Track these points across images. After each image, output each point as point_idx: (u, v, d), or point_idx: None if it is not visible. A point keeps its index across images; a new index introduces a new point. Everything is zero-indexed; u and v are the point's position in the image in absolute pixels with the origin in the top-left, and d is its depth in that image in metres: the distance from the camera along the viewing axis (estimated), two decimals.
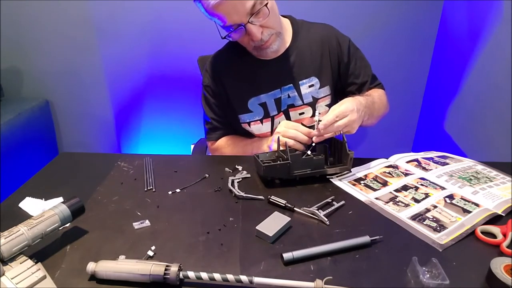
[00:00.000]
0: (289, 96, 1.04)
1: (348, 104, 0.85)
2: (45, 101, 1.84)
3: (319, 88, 1.05)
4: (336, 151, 0.90)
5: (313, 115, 1.06)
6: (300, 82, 1.04)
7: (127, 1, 1.67)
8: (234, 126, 1.10)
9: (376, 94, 1.07)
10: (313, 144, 0.87)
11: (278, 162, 0.83)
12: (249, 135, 1.09)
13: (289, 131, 0.89)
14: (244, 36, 0.93)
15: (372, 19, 1.73)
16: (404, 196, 0.79)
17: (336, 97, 1.09)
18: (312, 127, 1.05)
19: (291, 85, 1.04)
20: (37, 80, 1.84)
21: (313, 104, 1.05)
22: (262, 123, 1.06)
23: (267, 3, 0.89)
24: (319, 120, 0.84)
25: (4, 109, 1.64)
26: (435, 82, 1.82)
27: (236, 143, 1.09)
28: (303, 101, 1.05)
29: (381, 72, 1.83)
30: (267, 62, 1.03)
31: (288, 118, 1.06)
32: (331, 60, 1.06)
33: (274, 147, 0.90)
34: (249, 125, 1.06)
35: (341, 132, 0.85)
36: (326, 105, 1.07)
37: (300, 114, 1.06)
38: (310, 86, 1.04)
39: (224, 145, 1.11)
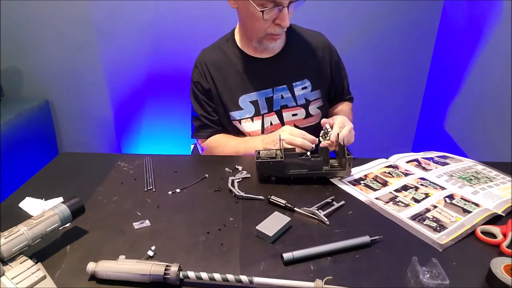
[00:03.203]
0: (282, 97, 1.05)
1: (339, 119, 0.92)
2: (45, 101, 1.84)
3: (311, 90, 1.06)
4: (338, 155, 0.90)
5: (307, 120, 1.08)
6: (293, 84, 1.05)
7: (127, 1, 1.67)
8: (225, 123, 1.09)
9: (347, 109, 1.17)
10: (313, 146, 0.87)
11: (272, 159, 0.83)
12: (240, 133, 1.08)
13: (296, 140, 0.88)
14: (271, 19, 0.92)
15: (372, 19, 1.73)
16: (404, 196, 0.79)
17: (330, 103, 1.15)
18: (305, 128, 1.06)
19: (285, 86, 1.04)
20: (37, 80, 1.83)
21: (306, 106, 1.06)
22: (252, 121, 1.06)
23: None
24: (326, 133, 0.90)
25: (4, 109, 1.64)
26: (435, 81, 1.82)
27: (227, 142, 1.07)
28: (296, 103, 1.06)
29: (381, 71, 1.85)
30: (260, 60, 1.04)
31: (281, 118, 1.06)
32: (324, 67, 1.08)
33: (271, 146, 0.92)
34: (240, 123, 1.06)
35: (345, 141, 0.87)
36: (317, 108, 1.08)
37: (293, 115, 1.07)
38: (303, 88, 1.06)
39: (215, 144, 1.09)
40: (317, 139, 0.90)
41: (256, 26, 0.95)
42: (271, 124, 1.06)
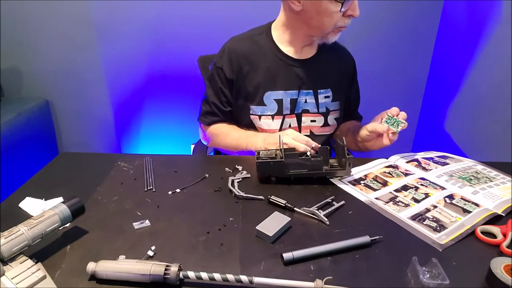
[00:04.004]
0: (306, 101, 1.05)
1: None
2: (45, 101, 1.84)
3: (332, 101, 1.07)
4: (338, 154, 0.90)
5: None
6: (319, 91, 1.05)
7: (127, 1, 1.67)
8: (240, 116, 1.06)
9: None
10: (313, 146, 0.87)
11: (272, 159, 0.83)
12: (253, 127, 1.06)
13: (300, 147, 0.87)
14: (339, 12, 0.92)
15: (372, 19, 1.73)
16: (404, 196, 0.79)
17: (344, 118, 1.15)
18: (320, 136, 1.07)
19: (311, 91, 1.05)
20: (37, 80, 1.83)
21: (326, 115, 1.07)
22: (273, 119, 1.04)
23: None
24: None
25: (4, 109, 1.64)
26: (435, 82, 1.81)
27: (229, 133, 1.05)
28: (318, 110, 1.06)
29: (381, 72, 1.85)
30: (294, 60, 1.03)
31: (299, 122, 1.06)
32: (347, 81, 1.11)
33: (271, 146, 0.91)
34: (259, 119, 1.04)
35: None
36: (334, 118, 1.09)
37: (312, 121, 1.07)
38: (326, 97, 1.06)
39: (217, 131, 1.08)
40: (319, 145, 0.89)
41: (326, 22, 0.93)
42: (289, 126, 1.06)
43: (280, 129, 1.05)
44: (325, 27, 0.95)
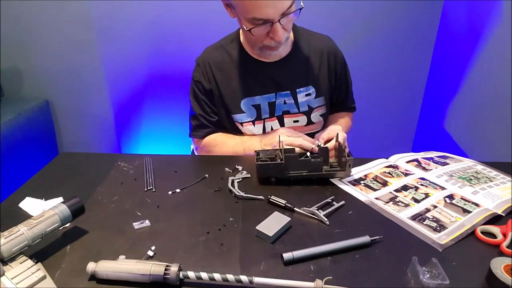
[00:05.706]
0: (285, 103, 1.04)
1: (332, 127, 0.96)
2: (45, 101, 1.84)
3: (315, 97, 1.05)
4: (338, 155, 0.90)
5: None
6: (297, 90, 1.03)
7: (127, 1, 1.67)
8: (226, 124, 1.07)
9: (344, 122, 1.14)
10: (314, 146, 0.87)
11: (272, 161, 0.83)
12: (240, 133, 1.07)
13: (296, 140, 0.88)
14: (263, 33, 0.90)
15: (372, 19, 1.73)
16: (404, 196, 0.79)
17: (331, 109, 1.12)
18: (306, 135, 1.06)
19: (289, 92, 1.03)
20: (37, 80, 1.83)
21: (308, 113, 1.05)
22: (254, 124, 1.04)
23: (302, 8, 0.88)
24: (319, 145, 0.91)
25: (4, 109, 1.64)
26: (435, 81, 1.82)
27: (225, 142, 1.06)
28: (299, 109, 1.04)
29: (381, 72, 1.85)
30: (265, 64, 1.02)
31: (282, 124, 1.06)
32: (329, 72, 1.06)
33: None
34: (242, 126, 1.05)
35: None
36: (320, 115, 1.07)
37: (295, 121, 1.06)
38: (306, 95, 1.04)
39: (213, 142, 1.08)
40: (317, 141, 0.90)
41: (252, 38, 0.93)
42: (272, 129, 1.05)
43: (264, 133, 1.05)
44: (253, 43, 0.95)
